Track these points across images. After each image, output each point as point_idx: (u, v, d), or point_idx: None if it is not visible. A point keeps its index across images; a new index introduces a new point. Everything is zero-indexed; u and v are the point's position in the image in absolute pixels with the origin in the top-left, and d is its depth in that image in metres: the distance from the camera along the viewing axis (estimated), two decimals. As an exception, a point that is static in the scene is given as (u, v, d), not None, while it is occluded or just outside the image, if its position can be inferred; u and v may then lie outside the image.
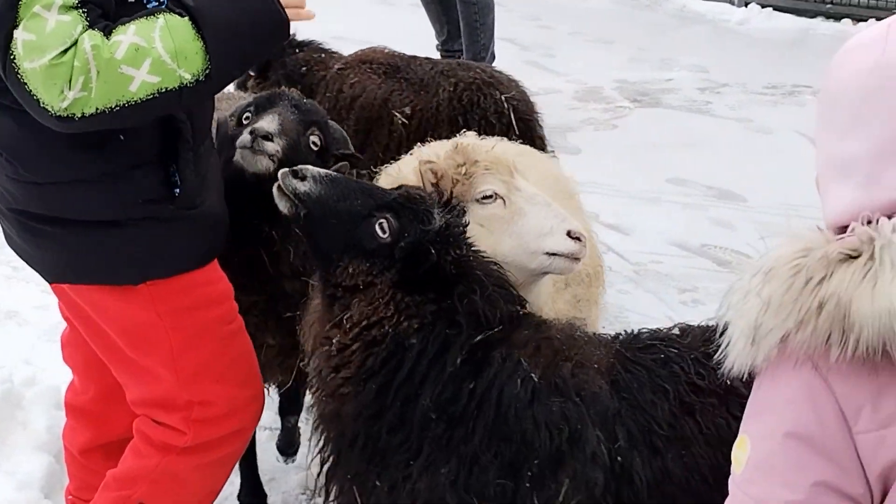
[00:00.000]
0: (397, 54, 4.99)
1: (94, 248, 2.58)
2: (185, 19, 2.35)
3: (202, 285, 2.71)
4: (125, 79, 2.27)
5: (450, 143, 3.10)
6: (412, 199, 2.46)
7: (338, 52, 5.10)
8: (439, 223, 2.41)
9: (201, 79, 2.36)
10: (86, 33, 2.25)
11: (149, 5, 2.40)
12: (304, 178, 2.45)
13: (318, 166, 2.58)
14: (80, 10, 2.26)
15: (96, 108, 2.27)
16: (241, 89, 4.72)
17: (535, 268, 2.72)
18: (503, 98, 4.55)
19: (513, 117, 4.52)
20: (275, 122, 2.92)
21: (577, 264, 2.73)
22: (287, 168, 2.50)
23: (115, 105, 2.28)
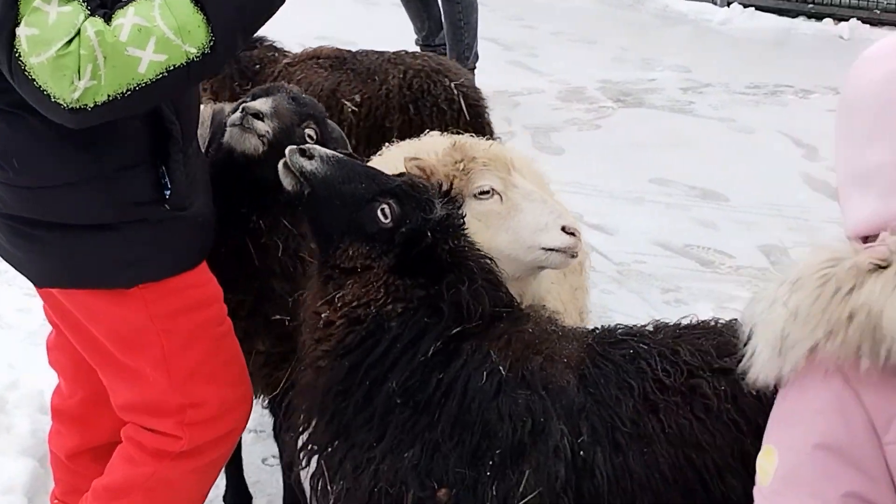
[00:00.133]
0: (344, 49, 5.00)
1: (88, 253, 2.57)
2: None
3: (193, 287, 2.71)
4: (133, 60, 2.26)
5: (447, 140, 3.12)
6: (415, 187, 2.49)
7: (290, 50, 5.08)
8: (440, 213, 2.45)
9: (207, 52, 2.34)
10: (87, 21, 2.24)
11: None
12: (311, 157, 2.46)
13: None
14: (80, 0, 2.25)
15: (108, 96, 2.26)
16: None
17: (531, 262, 2.76)
18: (452, 85, 4.60)
19: (463, 104, 4.58)
20: (268, 104, 2.87)
21: (573, 259, 2.78)
22: (295, 146, 2.49)
23: (126, 89, 2.27)
